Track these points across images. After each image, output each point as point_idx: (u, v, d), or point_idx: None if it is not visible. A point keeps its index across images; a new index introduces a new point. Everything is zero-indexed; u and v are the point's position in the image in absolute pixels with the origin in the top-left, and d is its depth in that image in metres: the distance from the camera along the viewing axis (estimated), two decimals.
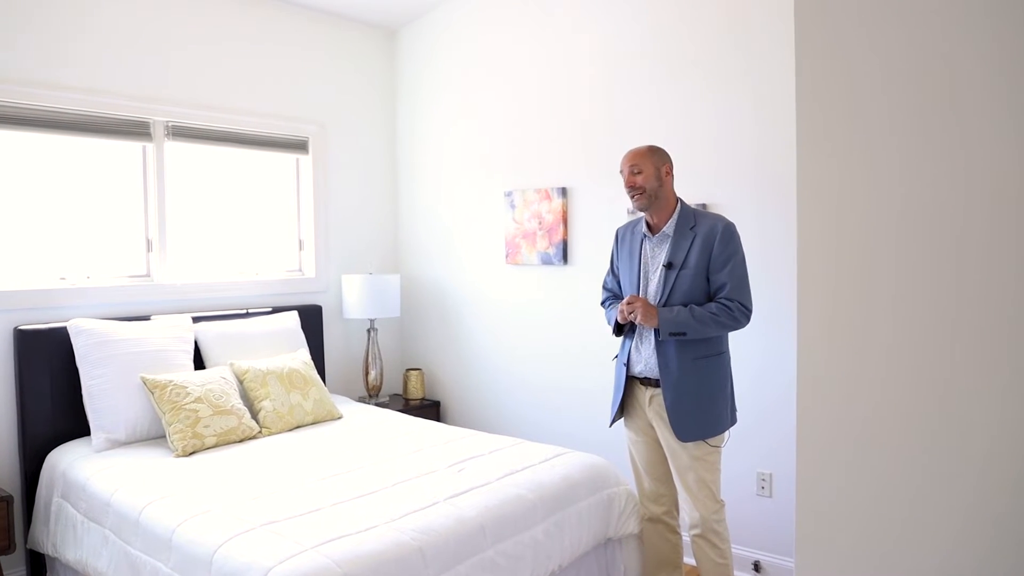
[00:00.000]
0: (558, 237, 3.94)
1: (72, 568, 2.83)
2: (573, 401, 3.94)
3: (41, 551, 3.01)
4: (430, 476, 2.73)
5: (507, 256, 4.18)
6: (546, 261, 4.01)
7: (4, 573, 3.10)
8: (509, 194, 4.15)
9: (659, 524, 2.83)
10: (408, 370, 4.54)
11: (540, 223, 4.02)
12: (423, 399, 4.51)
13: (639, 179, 2.64)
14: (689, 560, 3.30)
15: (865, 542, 1.29)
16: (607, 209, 3.73)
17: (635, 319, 2.60)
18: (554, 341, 4.02)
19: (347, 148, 4.51)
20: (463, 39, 4.37)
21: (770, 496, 3.28)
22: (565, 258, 3.94)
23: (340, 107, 4.47)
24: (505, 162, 4.21)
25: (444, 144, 4.52)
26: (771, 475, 3.28)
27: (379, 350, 4.38)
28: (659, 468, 2.79)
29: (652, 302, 2.65)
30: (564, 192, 3.92)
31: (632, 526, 2.87)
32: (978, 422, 1.20)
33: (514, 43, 4.12)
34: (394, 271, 4.76)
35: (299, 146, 4.26)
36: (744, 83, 3.28)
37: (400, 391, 4.72)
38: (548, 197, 3.97)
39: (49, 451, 3.13)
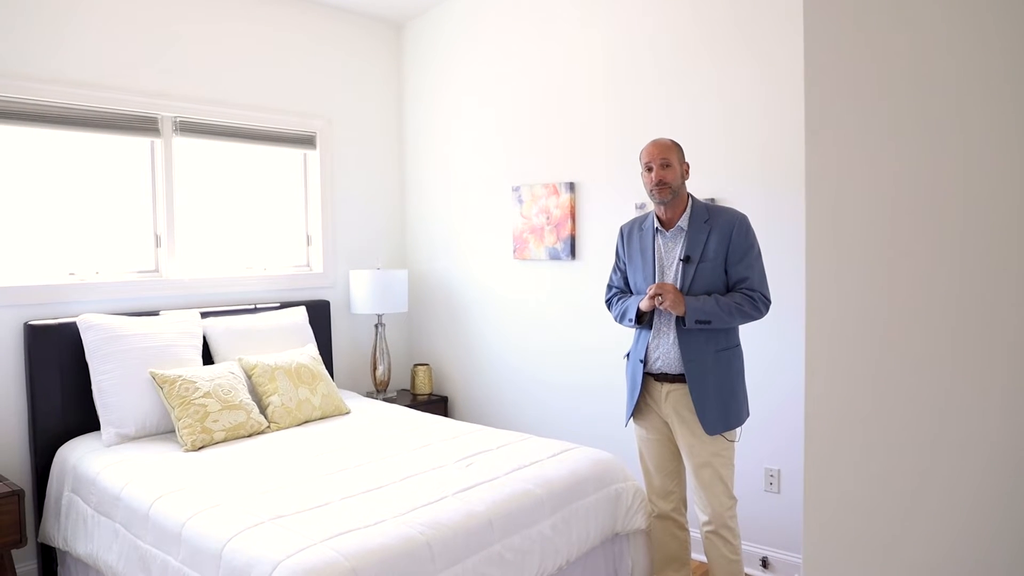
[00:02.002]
0: (566, 232, 3.93)
1: (83, 562, 2.85)
2: (581, 396, 3.94)
3: (52, 545, 3.04)
4: (438, 471, 2.74)
5: (515, 251, 4.18)
6: (554, 256, 4.00)
7: (16, 567, 3.13)
8: (517, 189, 4.15)
9: (668, 521, 2.82)
10: (416, 365, 4.55)
11: (548, 218, 4.01)
12: (431, 394, 4.52)
13: (669, 174, 2.60)
14: (697, 556, 3.30)
15: (872, 538, 1.29)
16: (615, 204, 3.72)
17: (664, 305, 2.55)
18: (562, 336, 4.02)
19: (354, 143, 4.51)
20: (470, 33, 4.36)
21: (778, 492, 3.28)
22: (573, 253, 3.93)
23: (347, 102, 4.47)
24: (513, 157, 4.20)
25: (451, 138, 4.51)
26: (779, 471, 3.27)
27: (387, 345, 4.39)
28: (670, 465, 2.78)
29: None
30: (572, 187, 3.91)
31: (640, 522, 2.87)
32: (984, 418, 1.19)
33: (521, 36, 4.11)
34: (402, 266, 4.77)
35: (306, 141, 4.27)
36: (753, 79, 3.26)
37: (408, 386, 4.73)
38: (556, 192, 3.97)
39: (59, 446, 3.16)
